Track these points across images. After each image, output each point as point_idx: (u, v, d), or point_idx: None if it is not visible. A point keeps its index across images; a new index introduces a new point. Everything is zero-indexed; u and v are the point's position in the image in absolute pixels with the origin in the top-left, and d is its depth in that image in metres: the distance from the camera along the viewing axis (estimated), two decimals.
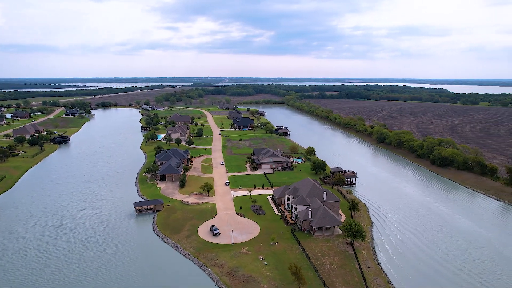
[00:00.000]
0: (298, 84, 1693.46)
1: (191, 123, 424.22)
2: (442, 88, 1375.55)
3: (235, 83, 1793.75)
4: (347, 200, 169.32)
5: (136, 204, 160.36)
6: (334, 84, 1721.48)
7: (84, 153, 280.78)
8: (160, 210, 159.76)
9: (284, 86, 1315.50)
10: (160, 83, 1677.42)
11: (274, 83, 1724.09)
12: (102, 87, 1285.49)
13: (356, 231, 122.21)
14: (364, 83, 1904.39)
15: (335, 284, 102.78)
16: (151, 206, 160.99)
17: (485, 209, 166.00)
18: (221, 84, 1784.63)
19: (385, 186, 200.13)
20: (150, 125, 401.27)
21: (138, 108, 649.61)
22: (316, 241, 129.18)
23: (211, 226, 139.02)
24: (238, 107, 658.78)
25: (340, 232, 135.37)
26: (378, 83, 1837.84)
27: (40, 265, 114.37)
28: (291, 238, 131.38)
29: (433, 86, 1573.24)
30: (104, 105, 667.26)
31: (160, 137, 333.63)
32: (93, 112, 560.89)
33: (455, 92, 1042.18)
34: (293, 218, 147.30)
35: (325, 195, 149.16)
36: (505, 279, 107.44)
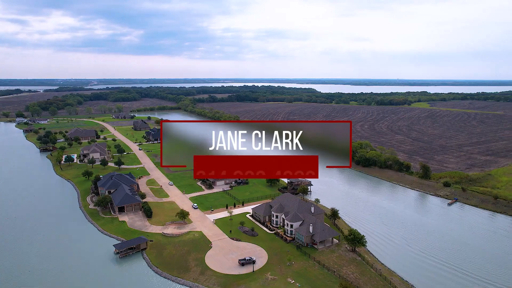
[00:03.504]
0: (178, 86, 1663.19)
1: (97, 138, 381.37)
2: (311, 88, 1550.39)
3: (109, 86, 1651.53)
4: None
5: (118, 247, 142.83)
6: (214, 85, 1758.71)
7: None
8: (145, 249, 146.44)
9: (165, 89, 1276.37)
10: (16, 87, 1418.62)
11: (153, 86, 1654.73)
12: None
13: (359, 239, 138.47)
14: (242, 84, 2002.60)
15: None
16: (133, 246, 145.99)
17: (417, 200, 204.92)
18: (93, 87, 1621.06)
19: (334, 189, 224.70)
20: (47, 144, 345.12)
21: (9, 121, 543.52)
22: (323, 253, 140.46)
23: (240, 260, 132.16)
24: (136, 115, 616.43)
25: (337, 241, 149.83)
26: (255, 84, 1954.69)
27: None
28: (301, 255, 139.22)
29: (303, 86, 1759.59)
30: None
31: (74, 158, 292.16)
32: None
33: (321, 92, 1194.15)
34: (288, 235, 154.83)
35: (312, 208, 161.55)
36: (474, 262, 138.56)
